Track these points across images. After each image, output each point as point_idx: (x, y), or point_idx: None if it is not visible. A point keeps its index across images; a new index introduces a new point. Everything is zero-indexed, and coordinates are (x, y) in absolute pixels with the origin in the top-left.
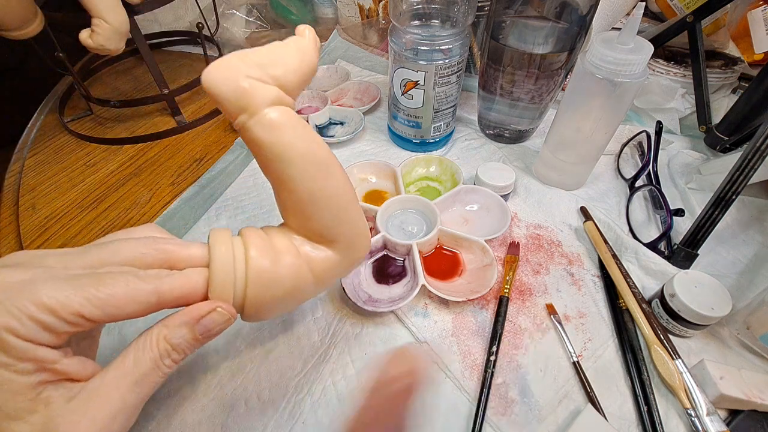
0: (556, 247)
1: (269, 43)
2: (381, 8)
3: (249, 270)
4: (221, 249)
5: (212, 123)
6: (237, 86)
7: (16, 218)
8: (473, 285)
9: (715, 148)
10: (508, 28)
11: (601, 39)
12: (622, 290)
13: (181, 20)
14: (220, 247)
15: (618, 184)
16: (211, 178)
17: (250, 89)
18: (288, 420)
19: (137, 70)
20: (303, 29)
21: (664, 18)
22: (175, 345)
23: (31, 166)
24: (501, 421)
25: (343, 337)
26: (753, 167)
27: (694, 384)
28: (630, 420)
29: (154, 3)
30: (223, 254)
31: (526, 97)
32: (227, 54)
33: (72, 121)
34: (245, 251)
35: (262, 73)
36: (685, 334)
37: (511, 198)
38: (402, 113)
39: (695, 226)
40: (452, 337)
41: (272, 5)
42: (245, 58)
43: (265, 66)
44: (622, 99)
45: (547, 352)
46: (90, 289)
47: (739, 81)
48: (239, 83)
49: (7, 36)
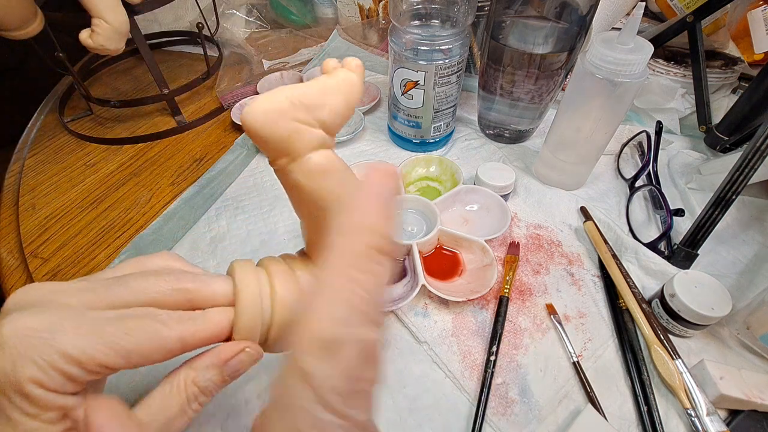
0: (556, 247)
1: (316, 79)
2: (381, 8)
3: (275, 309)
4: (248, 289)
5: (212, 123)
6: (282, 131)
7: (16, 218)
8: (473, 285)
9: (715, 148)
10: (508, 28)
11: (601, 39)
12: (622, 290)
13: (181, 20)
14: (246, 287)
15: (618, 184)
16: (211, 178)
17: (296, 134)
18: None
19: (137, 70)
20: (352, 62)
21: (664, 18)
22: (203, 388)
23: (31, 166)
24: (501, 421)
25: None
26: (753, 167)
27: (694, 384)
28: (630, 420)
29: (154, 3)
30: (250, 295)
31: (526, 97)
32: (272, 90)
33: (72, 121)
34: (270, 288)
35: (308, 116)
36: (685, 334)
37: (511, 198)
38: (402, 113)
39: (695, 226)
40: (452, 337)
41: (272, 5)
42: (293, 98)
43: (313, 109)
44: (622, 99)
45: (547, 352)
46: (115, 339)
47: (739, 81)
48: (285, 127)
49: (7, 36)
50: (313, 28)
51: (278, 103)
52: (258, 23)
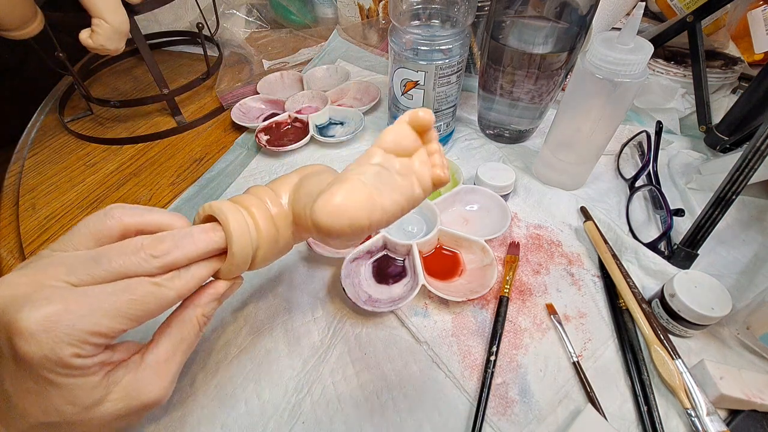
0: (556, 247)
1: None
2: (381, 8)
3: (260, 237)
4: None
5: (212, 123)
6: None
7: (16, 218)
8: (473, 285)
9: (715, 148)
10: (508, 28)
11: (601, 39)
12: (622, 290)
13: (181, 20)
14: (236, 230)
15: (618, 184)
16: (211, 178)
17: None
18: (288, 420)
19: (137, 70)
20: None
21: (664, 18)
22: (209, 315)
23: (31, 166)
24: (501, 421)
25: (343, 337)
26: (753, 167)
27: (694, 384)
28: (630, 420)
29: (154, 3)
30: (241, 236)
31: (526, 97)
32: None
33: (72, 121)
34: (254, 222)
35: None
36: (685, 334)
37: (511, 198)
38: (402, 113)
39: (695, 226)
40: (452, 337)
41: (272, 5)
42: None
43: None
44: (622, 99)
45: (547, 352)
46: (130, 311)
47: (739, 81)
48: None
49: (7, 36)
50: (313, 28)
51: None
52: (258, 23)
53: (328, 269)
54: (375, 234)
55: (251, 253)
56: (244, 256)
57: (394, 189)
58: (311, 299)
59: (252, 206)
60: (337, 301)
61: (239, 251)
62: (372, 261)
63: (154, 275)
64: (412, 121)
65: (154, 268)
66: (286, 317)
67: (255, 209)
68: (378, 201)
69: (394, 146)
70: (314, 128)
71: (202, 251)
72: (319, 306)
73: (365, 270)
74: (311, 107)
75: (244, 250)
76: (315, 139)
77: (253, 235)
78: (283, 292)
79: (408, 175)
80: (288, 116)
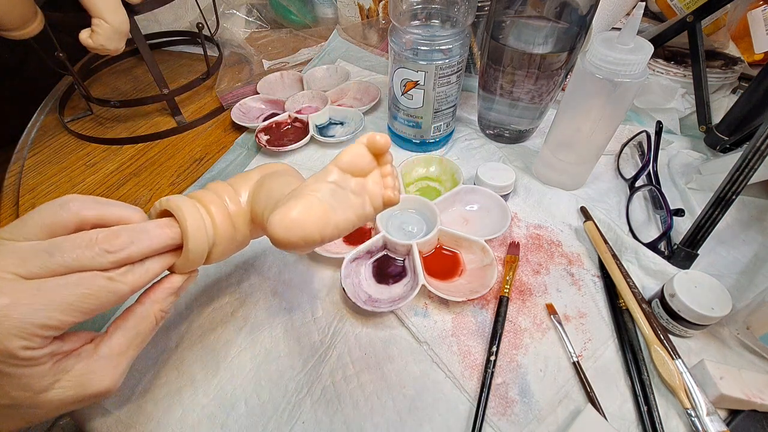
0: (556, 247)
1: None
2: (381, 8)
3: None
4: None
5: (212, 123)
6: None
7: (16, 218)
8: (473, 285)
9: (715, 148)
10: (508, 28)
11: (601, 39)
12: (622, 290)
13: (181, 20)
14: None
15: (618, 184)
16: (211, 178)
17: None
18: (288, 420)
19: (137, 70)
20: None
21: (664, 18)
22: (166, 309)
23: (31, 166)
24: (501, 421)
25: (343, 337)
26: (753, 167)
27: (694, 384)
28: (630, 420)
29: (154, 3)
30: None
31: (526, 97)
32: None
33: (72, 121)
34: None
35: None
36: (685, 334)
37: (511, 198)
38: (402, 113)
39: (695, 226)
40: (452, 337)
41: (272, 5)
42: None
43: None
44: (622, 99)
45: (547, 352)
46: (82, 304)
47: (739, 81)
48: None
49: (7, 36)
50: (313, 28)
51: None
52: (258, 23)
53: (328, 269)
54: (375, 234)
55: (207, 249)
56: (200, 253)
57: (347, 207)
58: (311, 299)
59: (210, 203)
60: (337, 301)
61: (195, 248)
62: (372, 261)
63: (108, 269)
64: (370, 144)
65: (108, 262)
66: (286, 317)
67: (213, 206)
68: (332, 218)
69: (349, 166)
70: (314, 128)
71: (157, 247)
72: (319, 306)
73: (365, 270)
74: (311, 107)
75: (200, 247)
76: (315, 139)
77: (209, 232)
78: (283, 292)
79: (361, 194)
80: (288, 116)
